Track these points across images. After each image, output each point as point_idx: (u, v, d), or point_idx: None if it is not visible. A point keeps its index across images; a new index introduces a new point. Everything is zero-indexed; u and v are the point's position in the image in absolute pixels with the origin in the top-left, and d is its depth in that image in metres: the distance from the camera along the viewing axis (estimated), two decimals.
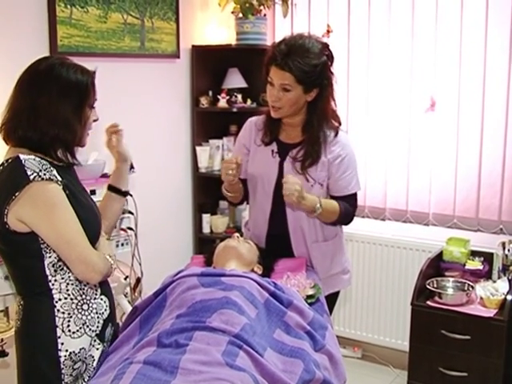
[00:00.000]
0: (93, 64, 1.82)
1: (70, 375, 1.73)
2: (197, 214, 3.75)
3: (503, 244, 3.02)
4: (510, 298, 2.78)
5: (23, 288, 1.76)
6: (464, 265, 3.10)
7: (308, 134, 2.27)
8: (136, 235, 2.48)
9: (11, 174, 1.65)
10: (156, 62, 3.42)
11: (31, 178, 1.61)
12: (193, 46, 3.62)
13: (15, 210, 1.63)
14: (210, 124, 3.75)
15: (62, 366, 1.71)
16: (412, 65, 3.28)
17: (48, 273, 1.71)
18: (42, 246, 1.68)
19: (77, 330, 1.73)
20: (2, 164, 1.70)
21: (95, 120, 1.82)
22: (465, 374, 2.83)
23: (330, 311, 2.34)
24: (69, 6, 2.88)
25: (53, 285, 1.71)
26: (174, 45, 3.48)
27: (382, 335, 3.58)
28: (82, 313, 1.75)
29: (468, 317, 2.81)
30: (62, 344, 1.71)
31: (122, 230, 2.67)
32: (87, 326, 1.76)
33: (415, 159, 3.34)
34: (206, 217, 3.73)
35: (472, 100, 3.13)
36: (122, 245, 2.75)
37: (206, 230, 3.74)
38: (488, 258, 3.10)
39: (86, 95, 1.74)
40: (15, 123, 1.70)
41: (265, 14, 3.56)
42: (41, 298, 1.72)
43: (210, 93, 3.70)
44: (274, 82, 2.17)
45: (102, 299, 1.83)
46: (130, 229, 2.62)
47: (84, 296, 1.77)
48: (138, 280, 2.53)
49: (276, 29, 3.70)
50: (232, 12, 3.55)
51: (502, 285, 2.90)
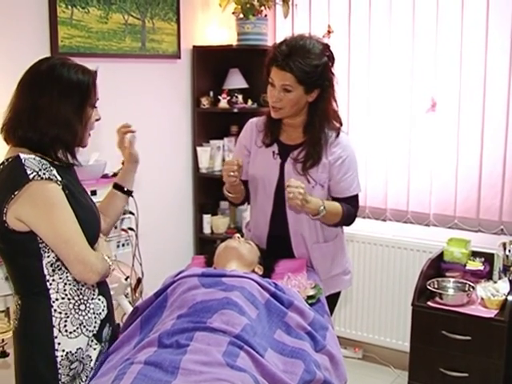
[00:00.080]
0: (94, 65, 1.83)
1: (67, 375, 1.73)
2: (197, 214, 3.75)
3: (504, 244, 3.02)
4: (510, 298, 2.78)
5: (21, 287, 1.76)
6: (465, 265, 3.10)
7: (309, 135, 2.27)
8: (137, 235, 2.48)
9: (11, 172, 1.65)
10: (157, 62, 3.42)
11: (31, 177, 1.62)
12: (194, 46, 3.62)
13: (14, 208, 1.63)
14: (210, 124, 3.75)
15: (58, 365, 1.71)
16: (413, 65, 3.28)
17: (46, 272, 1.71)
18: (40, 245, 1.68)
19: (74, 330, 1.74)
20: (3, 163, 1.70)
21: (97, 119, 1.82)
22: (465, 374, 2.83)
23: (331, 312, 2.34)
24: (70, 7, 2.88)
25: (50, 284, 1.72)
26: (175, 45, 3.48)
27: (383, 336, 3.57)
28: (79, 313, 1.75)
29: (469, 317, 2.81)
30: (58, 344, 1.71)
31: (123, 230, 2.67)
32: (84, 326, 1.76)
33: (416, 160, 3.34)
34: (207, 217, 3.73)
35: (473, 100, 3.13)
36: (123, 245, 2.75)
37: (207, 230, 3.74)
38: (489, 258, 3.10)
39: (87, 95, 1.75)
40: (16, 123, 1.70)
41: (265, 15, 3.56)
42: (38, 297, 1.72)
43: (211, 93, 3.70)
44: (274, 82, 2.17)
45: (99, 299, 1.83)
46: (131, 229, 2.62)
47: (81, 296, 1.77)
48: (139, 280, 2.53)
49: (277, 29, 3.70)
50: (233, 12, 3.55)
51: (503, 285, 2.90)
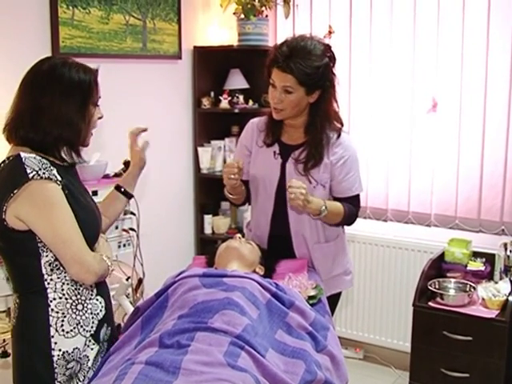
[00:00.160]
0: (92, 65, 1.82)
1: (63, 374, 1.73)
2: (198, 214, 3.75)
3: (505, 245, 3.02)
4: (511, 299, 2.78)
5: (19, 286, 1.77)
6: (466, 266, 3.10)
7: (311, 136, 2.27)
8: (138, 236, 2.48)
9: (11, 171, 1.66)
10: (158, 62, 3.43)
11: (30, 176, 1.62)
12: (195, 46, 3.63)
13: (13, 207, 1.64)
14: (211, 125, 3.75)
15: (55, 365, 1.71)
16: (414, 66, 3.28)
17: (44, 272, 1.71)
18: (39, 244, 1.69)
19: (70, 330, 1.73)
20: (3, 162, 1.71)
21: (100, 117, 1.83)
22: (466, 374, 2.83)
23: (332, 312, 2.34)
24: (71, 7, 2.88)
25: (48, 284, 1.72)
26: (176, 46, 3.48)
27: (384, 336, 3.57)
28: (77, 313, 1.75)
29: (470, 318, 2.81)
30: (55, 343, 1.71)
31: (124, 230, 2.67)
32: (81, 326, 1.76)
33: (417, 160, 3.34)
34: (208, 217, 3.73)
35: (474, 101, 3.13)
36: (124, 245, 2.75)
37: (208, 230, 3.74)
38: (490, 258, 3.10)
39: (89, 94, 1.75)
40: (18, 123, 1.70)
41: (266, 15, 3.56)
42: (36, 296, 1.72)
43: (212, 94, 3.70)
44: (275, 83, 2.17)
45: (97, 300, 1.83)
46: (132, 229, 2.62)
47: (79, 296, 1.77)
48: (140, 281, 2.54)
49: (278, 30, 3.70)
50: (234, 13, 3.55)
51: (504, 286, 2.90)
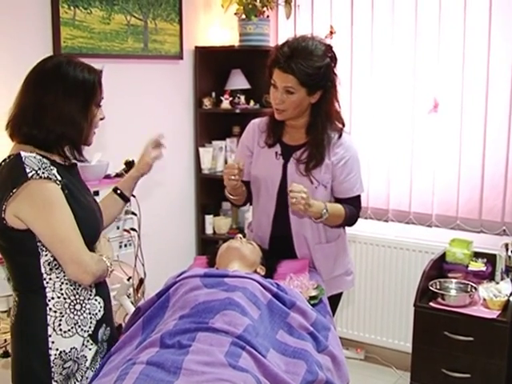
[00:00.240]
0: (96, 65, 1.83)
1: (60, 374, 1.73)
2: (200, 215, 3.75)
3: (506, 245, 3.02)
4: None
5: (19, 284, 1.77)
6: (467, 266, 3.09)
7: (312, 136, 2.27)
8: (139, 236, 2.49)
9: (11, 170, 1.66)
10: (159, 63, 3.43)
11: (29, 175, 1.62)
12: (196, 47, 3.63)
13: (13, 206, 1.64)
14: (212, 125, 3.75)
15: (51, 364, 1.71)
16: (415, 66, 3.28)
17: (43, 271, 1.71)
18: (38, 243, 1.69)
19: (68, 330, 1.74)
20: (4, 160, 1.71)
21: (102, 118, 1.83)
22: (468, 375, 2.83)
23: (333, 312, 2.34)
24: (72, 8, 2.89)
25: (47, 283, 1.72)
26: (177, 46, 3.49)
27: (385, 336, 3.57)
28: (75, 313, 1.75)
29: (471, 318, 2.80)
30: (52, 342, 1.71)
31: (126, 230, 2.68)
32: (79, 326, 1.76)
33: (418, 160, 3.34)
34: (209, 218, 3.73)
35: (475, 101, 3.13)
36: (125, 246, 2.75)
37: (209, 230, 3.74)
38: (491, 259, 3.10)
39: (92, 94, 1.75)
40: (21, 120, 1.71)
41: (268, 16, 3.56)
42: (34, 295, 1.73)
43: (213, 94, 3.71)
44: (277, 84, 2.17)
45: (96, 300, 1.83)
46: (133, 230, 2.63)
47: (77, 296, 1.77)
48: (141, 281, 2.54)
49: (279, 30, 3.70)
50: (235, 13, 3.55)
51: (505, 286, 2.90)
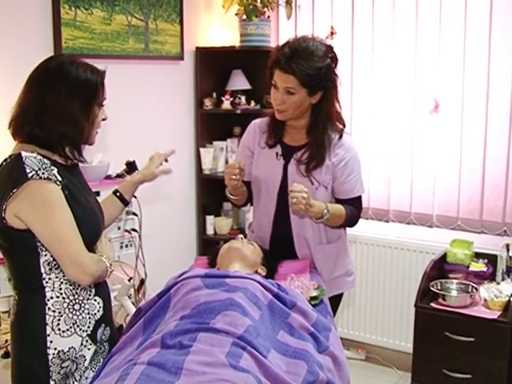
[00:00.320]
0: (99, 66, 1.83)
1: (58, 373, 1.74)
2: (201, 215, 3.76)
3: (507, 246, 3.01)
4: None
5: (18, 283, 1.78)
6: (468, 267, 3.09)
7: (313, 137, 2.27)
8: (140, 237, 2.48)
9: (11, 170, 1.67)
10: (160, 63, 3.43)
11: (29, 176, 1.63)
12: (197, 47, 3.63)
13: (13, 206, 1.65)
14: (213, 126, 3.75)
15: (50, 363, 1.72)
16: (416, 66, 3.28)
17: (43, 270, 1.72)
18: (38, 243, 1.69)
19: (67, 329, 1.74)
20: (6, 160, 1.72)
21: (104, 119, 1.83)
22: (469, 376, 2.83)
23: (334, 313, 2.34)
24: (73, 8, 2.89)
25: (46, 283, 1.72)
26: (178, 46, 3.49)
27: (386, 337, 3.57)
28: (73, 312, 1.76)
29: (472, 319, 2.80)
30: (50, 342, 1.72)
31: (126, 231, 2.68)
32: (78, 326, 1.76)
33: (419, 161, 3.34)
34: (210, 218, 3.73)
35: (476, 102, 3.13)
36: (126, 246, 2.75)
37: (210, 231, 3.75)
38: (492, 259, 3.10)
39: (94, 94, 1.75)
40: (23, 119, 1.71)
41: (268, 16, 3.56)
42: (34, 294, 1.73)
43: (214, 94, 3.71)
44: (278, 85, 2.17)
45: (95, 300, 1.83)
46: (134, 230, 2.63)
47: (76, 296, 1.77)
48: (142, 281, 2.54)
49: (280, 31, 3.70)
50: (236, 14, 3.55)
51: (506, 287, 2.90)
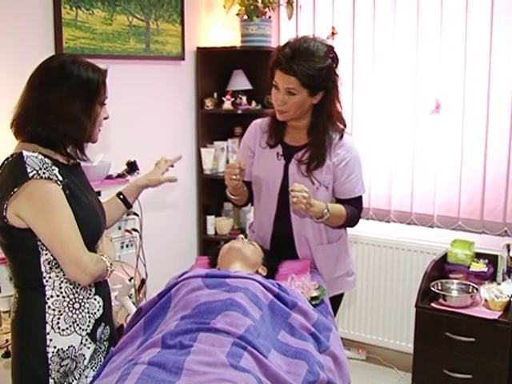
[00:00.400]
0: (100, 65, 1.83)
1: (58, 371, 1.74)
2: (201, 215, 3.76)
3: (508, 246, 3.01)
4: None
5: (19, 281, 1.78)
6: (468, 267, 3.09)
7: (313, 137, 2.27)
8: (141, 237, 2.48)
9: (13, 169, 1.67)
10: (161, 63, 3.43)
11: (30, 175, 1.63)
12: (198, 47, 3.63)
13: (13, 205, 1.65)
14: (214, 126, 3.75)
15: (49, 361, 1.73)
16: (417, 67, 3.28)
17: (43, 269, 1.72)
18: (38, 242, 1.70)
19: (66, 328, 1.75)
20: (7, 159, 1.72)
21: (106, 118, 1.84)
22: (469, 376, 2.83)
23: (335, 313, 2.34)
24: (74, 8, 2.89)
25: (47, 281, 1.73)
26: (179, 47, 3.49)
27: (387, 337, 3.57)
28: (73, 311, 1.76)
29: (472, 319, 2.80)
30: (50, 340, 1.72)
31: (127, 231, 2.68)
32: (77, 325, 1.77)
33: (420, 161, 3.34)
34: (211, 218, 3.73)
35: (477, 102, 3.13)
36: (127, 246, 2.75)
37: (211, 231, 3.75)
38: (492, 260, 3.10)
39: (96, 93, 1.76)
40: (25, 119, 1.71)
41: (270, 16, 3.56)
42: (34, 293, 1.74)
43: (215, 95, 3.71)
44: (279, 85, 2.17)
45: (95, 299, 1.84)
46: (135, 230, 2.63)
47: (76, 295, 1.78)
48: (143, 281, 2.54)
49: (281, 31, 3.70)
50: (237, 14, 3.56)
51: (507, 287, 2.90)
